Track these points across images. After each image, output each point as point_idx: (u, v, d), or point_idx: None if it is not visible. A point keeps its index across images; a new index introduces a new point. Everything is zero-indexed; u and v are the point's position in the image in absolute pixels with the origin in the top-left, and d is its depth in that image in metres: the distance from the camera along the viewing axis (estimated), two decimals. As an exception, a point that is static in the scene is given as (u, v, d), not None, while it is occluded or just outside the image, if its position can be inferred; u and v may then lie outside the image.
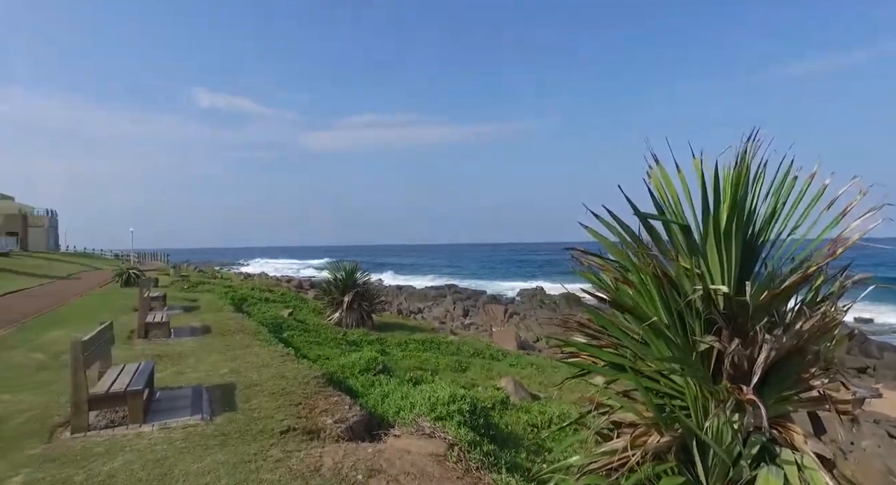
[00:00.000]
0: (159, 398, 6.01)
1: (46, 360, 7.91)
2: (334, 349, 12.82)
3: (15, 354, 8.22)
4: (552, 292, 46.47)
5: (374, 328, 18.23)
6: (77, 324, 11.37)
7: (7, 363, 7.59)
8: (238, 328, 11.32)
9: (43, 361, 7.78)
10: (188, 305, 15.89)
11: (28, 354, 8.26)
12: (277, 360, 8.09)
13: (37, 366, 7.48)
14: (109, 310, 14.00)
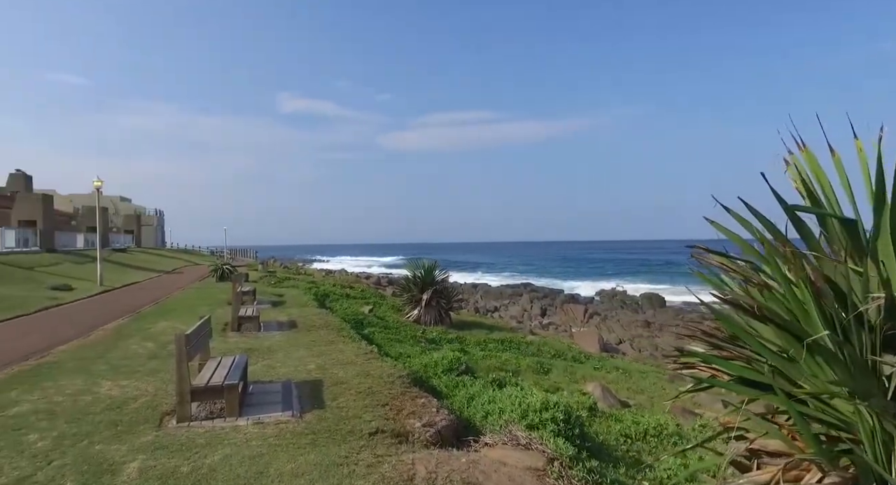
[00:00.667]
0: (252, 392, 6.17)
1: (155, 349, 8.45)
2: (414, 347, 12.84)
3: (131, 343, 8.86)
4: (633, 292, 44.47)
5: (453, 326, 18.16)
6: (181, 315, 12.18)
7: (125, 351, 8.18)
8: (322, 324, 11.61)
9: (153, 350, 8.31)
10: (275, 299, 16.60)
11: (142, 343, 8.88)
12: (362, 357, 8.13)
13: (148, 355, 7.99)
14: (207, 303, 14.90)
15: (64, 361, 7.43)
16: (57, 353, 8.05)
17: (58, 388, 6.08)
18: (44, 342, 9.07)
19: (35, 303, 13.93)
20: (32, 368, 7.05)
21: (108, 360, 7.54)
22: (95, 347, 8.42)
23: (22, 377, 6.53)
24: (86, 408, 5.33)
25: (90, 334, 9.78)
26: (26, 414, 5.14)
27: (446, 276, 19.51)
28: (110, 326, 10.61)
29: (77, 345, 8.68)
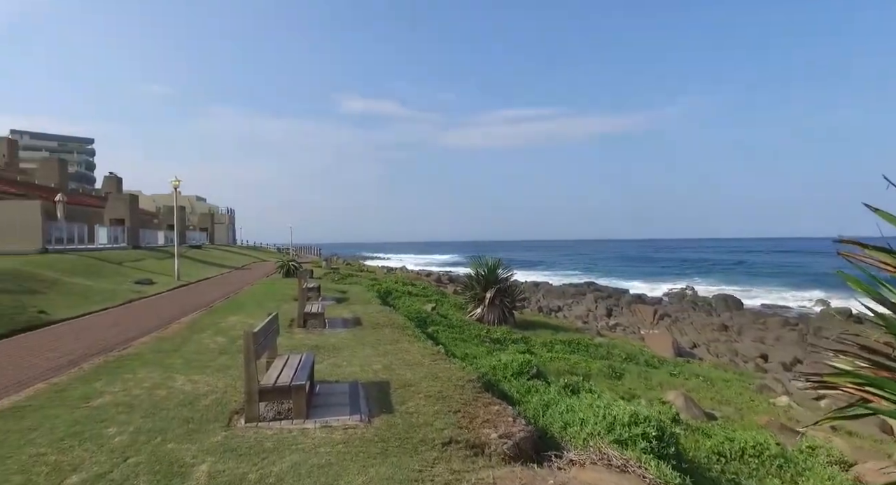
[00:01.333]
0: (319, 392, 6.02)
1: (226, 343, 8.57)
2: (479, 347, 12.49)
3: (204, 337, 9.05)
4: (704, 293, 42.03)
5: (517, 326, 17.67)
6: (250, 311, 12.44)
7: (198, 345, 8.34)
8: (387, 322, 11.47)
9: (223, 345, 8.42)
10: (339, 296, 16.74)
11: (213, 337, 9.05)
12: (429, 358, 7.86)
13: (219, 349, 8.09)
14: (274, 298, 15.22)
15: (143, 354, 7.63)
16: (138, 345, 8.31)
17: (136, 380, 6.18)
18: (128, 334, 9.45)
19: (123, 296, 14.72)
20: (116, 359, 7.27)
21: (183, 354, 7.68)
22: (172, 340, 8.64)
23: (107, 368, 6.72)
24: (160, 403, 5.35)
25: (168, 327, 10.11)
26: (108, 406, 5.21)
27: (510, 274, 19.02)
28: (185, 320, 10.95)
29: (156, 337, 8.95)
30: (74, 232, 23.73)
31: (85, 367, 6.87)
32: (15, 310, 10.47)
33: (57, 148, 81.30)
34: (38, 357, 7.57)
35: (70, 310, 11.70)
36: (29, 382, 6.23)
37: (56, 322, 10.54)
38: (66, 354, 7.74)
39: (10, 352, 7.97)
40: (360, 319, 11.90)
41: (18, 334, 9.33)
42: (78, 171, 76.88)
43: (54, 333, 9.49)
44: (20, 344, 8.57)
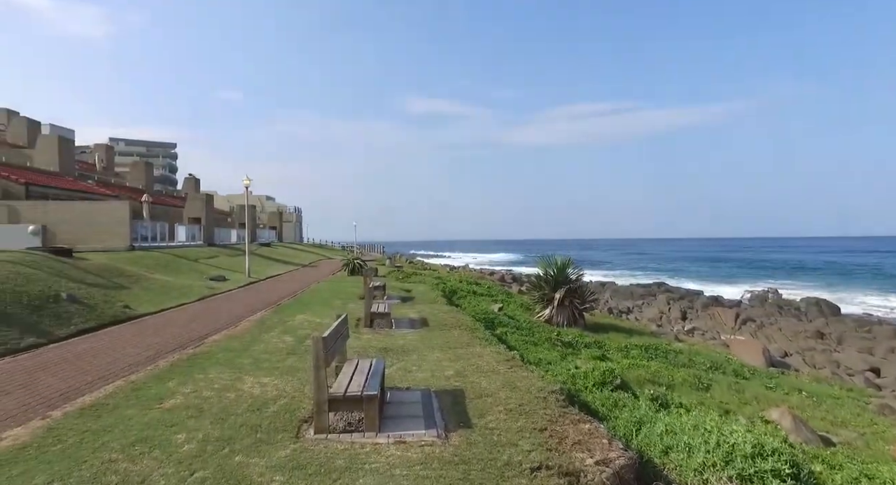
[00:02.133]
0: (390, 401, 5.65)
1: (294, 343, 8.43)
2: (551, 352, 11.81)
3: (272, 336, 8.98)
4: (789, 296, 38.80)
5: (587, 328, 16.79)
6: (316, 309, 12.41)
7: (266, 345, 8.25)
8: (455, 323, 11.05)
9: (291, 345, 8.28)
10: (404, 295, 16.52)
11: (281, 337, 8.96)
12: (503, 365, 7.34)
13: (287, 349, 7.95)
14: (340, 297, 15.21)
15: (215, 352, 7.60)
16: (210, 343, 8.33)
17: (207, 381, 6.07)
18: (201, 330, 9.57)
19: (198, 292, 15.20)
20: (189, 357, 7.26)
21: (252, 353, 7.59)
22: (241, 339, 8.62)
23: (180, 367, 6.70)
24: (229, 407, 5.16)
25: (238, 325, 10.17)
26: (179, 409, 5.07)
27: (580, 274, 18.12)
28: (254, 318, 11.02)
29: (226, 335, 8.98)
30: (157, 230, 25.07)
31: (161, 364, 6.88)
32: (105, 304, 10.92)
33: (145, 153, 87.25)
34: (120, 352, 7.72)
35: (151, 305, 12.11)
36: (110, 377, 6.28)
37: (138, 317, 10.89)
38: (145, 350, 7.85)
39: (97, 346, 8.20)
40: (427, 319, 11.56)
41: (106, 328, 9.67)
42: (162, 173, 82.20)
43: (135, 329, 9.77)
44: (107, 338, 8.84)
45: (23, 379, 6.16)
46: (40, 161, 29.06)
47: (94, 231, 20.56)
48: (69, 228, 20.45)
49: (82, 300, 10.47)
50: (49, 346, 8.09)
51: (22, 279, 10.14)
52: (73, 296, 10.31)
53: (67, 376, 6.32)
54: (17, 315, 8.70)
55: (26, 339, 8.04)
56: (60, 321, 9.14)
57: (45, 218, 20.28)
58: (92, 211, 21.14)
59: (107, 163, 42.90)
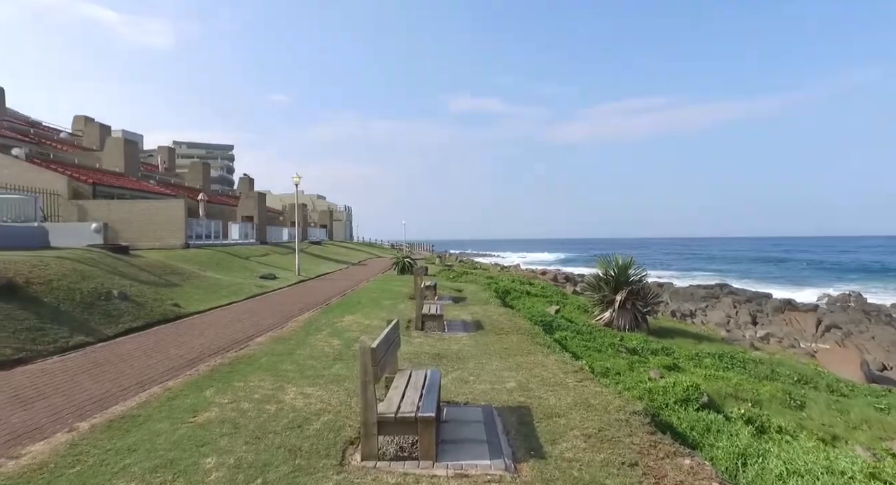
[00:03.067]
0: (447, 419, 4.95)
1: (341, 348, 7.89)
2: (617, 359, 10.80)
3: (319, 339, 8.48)
4: (876, 301, 35.46)
5: (651, 333, 15.55)
6: (366, 310, 11.90)
7: (312, 349, 7.74)
8: (512, 327, 10.26)
9: (339, 350, 7.74)
10: (456, 295, 15.84)
11: (328, 340, 8.45)
12: (571, 377, 6.50)
13: (334, 355, 7.41)
14: (389, 296, 14.69)
15: (258, 357, 7.15)
16: (254, 346, 7.92)
17: (247, 390, 5.57)
18: (247, 331, 9.22)
19: (247, 290, 15.08)
20: (231, 362, 6.83)
21: (296, 358, 7.08)
22: (287, 342, 8.16)
23: (220, 373, 6.25)
24: (268, 423, 4.59)
25: (284, 326, 9.77)
26: (213, 424, 4.55)
27: (643, 274, 16.84)
28: (302, 318, 10.61)
29: (272, 337, 8.56)
30: (212, 228, 25.52)
31: (201, 369, 6.47)
32: (155, 302, 10.81)
33: (205, 155, 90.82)
34: (162, 354, 7.40)
35: (200, 303, 11.96)
36: (148, 383, 5.89)
37: (186, 316, 10.71)
38: (188, 353, 7.50)
39: (142, 346, 7.94)
40: (482, 322, 10.82)
41: (154, 327, 9.49)
42: (220, 174, 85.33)
43: (182, 328, 9.53)
44: (152, 338, 8.60)
45: (63, 382, 5.87)
46: (108, 163, 30.31)
47: (152, 229, 21.04)
48: (130, 226, 21.01)
49: (133, 298, 10.37)
50: (96, 345, 7.89)
51: (78, 276, 10.13)
52: (124, 294, 10.22)
53: (106, 380, 5.98)
54: (69, 313, 8.60)
55: (75, 337, 7.87)
56: (110, 320, 8.99)
57: (108, 216, 20.91)
58: (151, 209, 21.65)
59: (168, 164, 44.58)
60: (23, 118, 38.50)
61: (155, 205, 22.34)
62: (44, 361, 6.84)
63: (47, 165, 23.60)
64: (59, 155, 29.29)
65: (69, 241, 14.59)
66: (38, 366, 6.55)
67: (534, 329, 10.33)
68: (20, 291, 8.42)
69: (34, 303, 8.36)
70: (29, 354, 6.85)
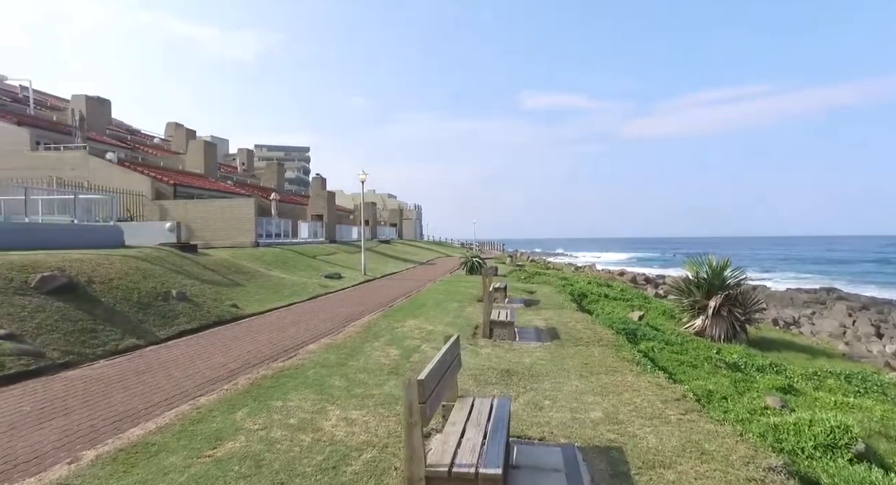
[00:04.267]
0: (518, 465, 3.90)
1: (398, 359, 7.04)
2: (717, 377, 9.22)
3: (376, 348, 7.68)
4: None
5: (752, 344, 13.60)
6: (430, 313, 11.04)
7: (367, 359, 6.94)
8: (592, 337, 8.99)
9: (395, 361, 6.89)
10: (527, 298, 14.67)
11: (386, 349, 7.64)
12: (673, 407, 5.23)
13: (389, 367, 6.56)
14: (456, 298, 13.77)
15: (305, 368, 6.43)
16: (304, 354, 7.23)
17: (284, 412, 4.80)
18: (301, 336, 8.62)
19: (310, 290, 14.72)
20: (274, 375, 6.14)
21: (347, 371, 6.28)
22: (340, 351, 7.41)
23: (260, 388, 5.56)
24: (297, 461, 3.76)
25: (342, 330, 9.09)
26: (233, 459, 3.78)
27: (742, 277, 14.85)
28: (362, 322, 9.91)
29: (325, 345, 7.86)
30: (282, 227, 25.85)
31: (241, 382, 5.81)
32: (214, 302, 10.55)
33: (283, 157, 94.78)
34: (206, 361, 6.88)
35: (259, 304, 11.62)
36: (178, 398, 5.29)
37: (243, 317, 10.33)
38: (233, 361, 6.94)
39: (189, 352, 7.51)
40: (557, 329, 9.64)
41: (208, 329, 9.13)
42: (297, 175, 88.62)
43: (235, 332, 9.10)
44: (202, 342, 8.18)
45: (95, 394, 5.40)
46: (191, 165, 31.74)
47: (224, 228, 21.46)
48: (205, 225, 21.55)
49: (192, 298, 10.12)
50: (146, 349, 7.54)
51: (139, 276, 10.01)
52: (182, 294, 9.98)
53: (138, 392, 5.46)
54: (124, 314, 8.37)
55: (127, 340, 7.57)
56: (164, 321, 8.70)
57: (185, 215, 21.58)
58: (223, 208, 22.12)
59: (247, 165, 46.39)
60: (125, 127, 41.39)
61: (227, 204, 22.82)
62: (89, 365, 6.50)
63: (135, 167, 24.82)
64: (147, 158, 31.00)
65: (144, 239, 14.90)
66: (80, 372, 6.19)
67: (618, 340, 9.01)
68: (80, 290, 8.29)
69: (91, 303, 8.19)
70: (76, 358, 6.55)
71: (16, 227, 10.92)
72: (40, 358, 6.11)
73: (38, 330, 6.75)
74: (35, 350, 6.20)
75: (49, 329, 6.88)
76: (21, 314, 6.94)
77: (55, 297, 7.71)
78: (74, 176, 22.08)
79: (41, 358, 6.12)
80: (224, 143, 57.27)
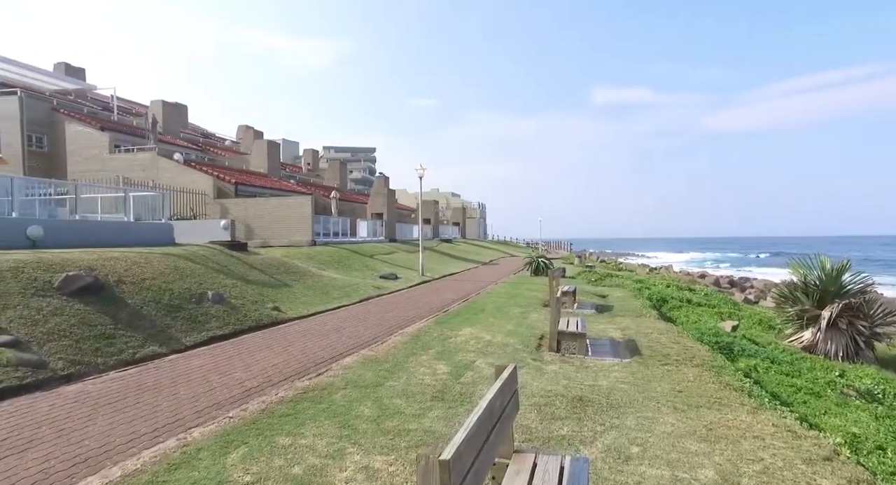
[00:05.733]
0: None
1: (447, 379, 5.81)
2: (851, 411, 7.32)
3: (421, 363, 6.50)
4: None
5: (884, 365, 11.25)
6: (488, 320, 9.74)
7: (408, 378, 5.77)
8: (681, 353, 7.35)
9: (442, 382, 5.67)
10: (599, 302, 13.02)
11: (433, 364, 6.44)
12: (824, 473, 3.67)
13: (434, 391, 5.34)
14: (519, 303, 12.37)
15: (334, 389, 5.34)
16: (336, 370, 6.16)
17: (290, 456, 3.71)
18: (339, 346, 7.61)
19: (361, 292, 13.85)
20: (296, 397, 5.10)
21: (382, 395, 5.13)
22: (379, 366, 6.28)
23: (271, 419, 4.51)
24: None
25: (386, 340, 7.98)
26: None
27: (869, 283, 12.44)
28: (411, 330, 8.77)
29: (364, 358, 6.76)
30: (339, 226, 25.41)
31: (250, 408, 4.80)
32: (253, 305, 9.81)
33: (350, 158, 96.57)
34: (223, 377, 5.97)
35: (304, 307, 10.78)
36: (166, 431, 4.34)
37: (283, 322, 9.50)
38: (252, 377, 5.99)
39: (209, 363, 6.66)
40: (636, 342, 8.07)
41: (240, 335, 8.34)
42: (363, 175, 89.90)
43: (269, 338, 8.23)
44: (228, 351, 7.34)
45: (77, 420, 4.56)
46: (255, 164, 32.22)
47: (282, 226, 21.18)
48: (263, 223, 21.39)
49: (229, 300, 9.40)
50: (165, 358, 6.77)
51: (175, 275, 9.42)
52: (220, 295, 9.27)
53: (126, 419, 4.56)
54: (149, 317, 7.70)
55: (147, 347, 6.84)
56: (193, 326, 7.96)
57: (244, 214, 21.52)
58: (280, 206, 21.88)
59: (312, 165, 47.00)
60: (200, 130, 43.05)
61: (284, 202, 22.58)
62: (94, 378, 5.76)
63: (200, 166, 25.23)
64: (215, 159, 31.73)
65: (199, 237, 14.62)
66: (80, 387, 5.43)
67: (715, 359, 7.32)
68: (106, 291, 7.71)
69: (116, 305, 7.57)
70: (82, 370, 5.83)
71: (62, 224, 10.73)
72: (40, 369, 5.42)
73: (48, 336, 6.11)
74: (37, 360, 5.53)
75: (61, 335, 6.24)
76: (34, 318, 6.35)
77: (77, 298, 7.12)
78: (143, 176, 22.64)
79: (41, 369, 5.43)
80: (294, 145, 58.49)
